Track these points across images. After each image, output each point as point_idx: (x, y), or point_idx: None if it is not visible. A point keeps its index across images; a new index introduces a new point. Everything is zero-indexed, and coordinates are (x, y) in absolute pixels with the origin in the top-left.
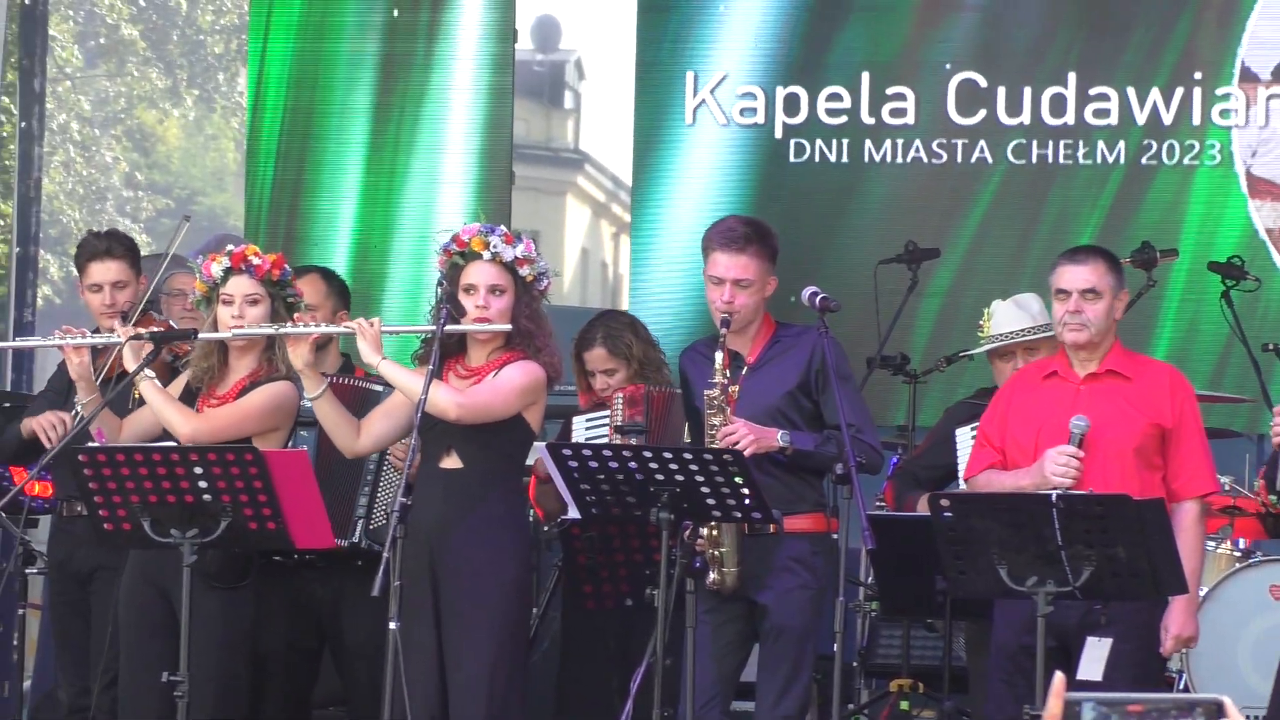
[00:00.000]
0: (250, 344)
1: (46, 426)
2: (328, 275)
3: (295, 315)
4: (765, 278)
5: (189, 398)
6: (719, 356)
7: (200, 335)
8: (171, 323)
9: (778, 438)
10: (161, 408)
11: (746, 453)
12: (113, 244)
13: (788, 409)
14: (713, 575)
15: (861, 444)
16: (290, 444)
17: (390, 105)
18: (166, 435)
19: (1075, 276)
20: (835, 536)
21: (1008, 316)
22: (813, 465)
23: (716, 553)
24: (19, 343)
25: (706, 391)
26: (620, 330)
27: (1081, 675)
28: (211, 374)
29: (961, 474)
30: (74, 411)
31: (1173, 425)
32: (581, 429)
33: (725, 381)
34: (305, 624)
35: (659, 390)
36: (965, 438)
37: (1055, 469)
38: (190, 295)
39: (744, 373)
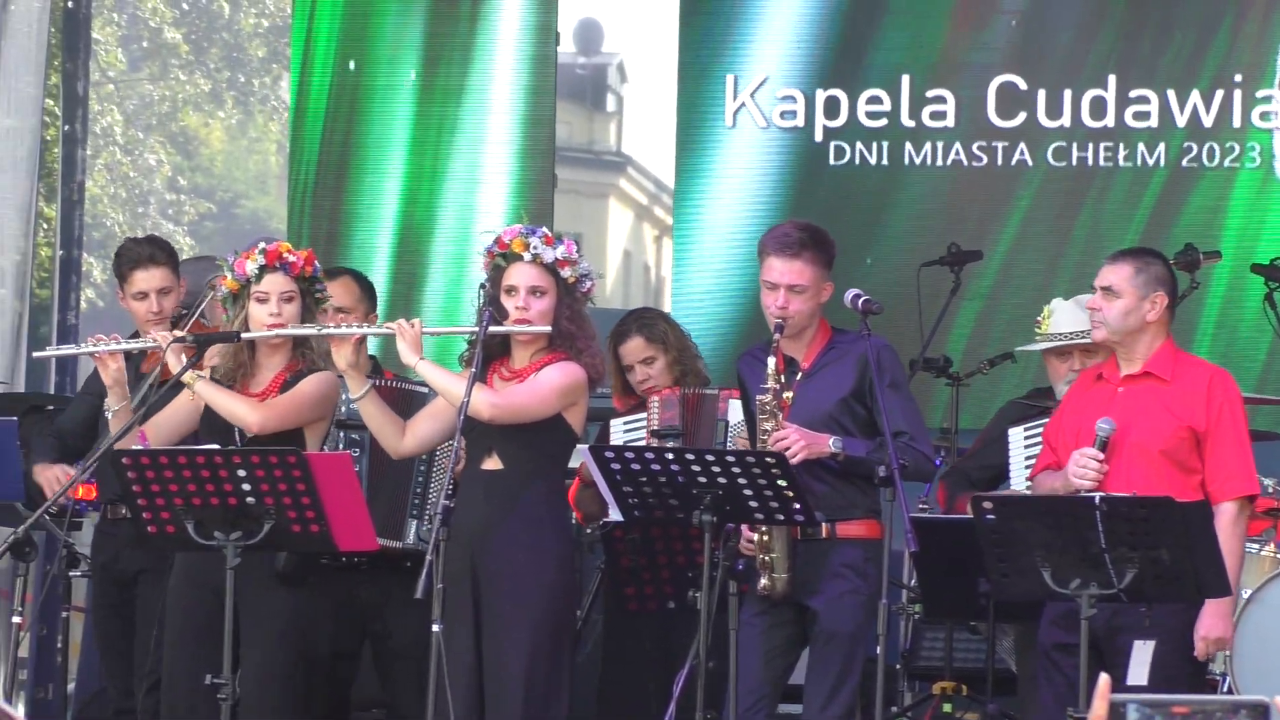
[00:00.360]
0: (283, 339)
1: (50, 481)
2: (358, 277)
3: (321, 311)
4: (820, 283)
5: None
6: (771, 362)
7: (244, 335)
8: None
9: (829, 444)
10: (224, 402)
11: (797, 458)
12: (154, 250)
13: (841, 415)
14: (763, 581)
15: (913, 450)
16: (328, 437)
17: (431, 108)
18: (193, 438)
19: (1100, 274)
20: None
21: (1067, 316)
22: (865, 472)
23: (767, 558)
24: (58, 350)
25: (759, 396)
26: (654, 319)
27: (1131, 680)
28: (244, 370)
29: (1025, 475)
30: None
31: (1207, 428)
32: (620, 432)
33: (778, 387)
34: (350, 626)
35: (693, 391)
36: (1018, 438)
37: (1075, 470)
38: (219, 291)
39: (798, 378)
